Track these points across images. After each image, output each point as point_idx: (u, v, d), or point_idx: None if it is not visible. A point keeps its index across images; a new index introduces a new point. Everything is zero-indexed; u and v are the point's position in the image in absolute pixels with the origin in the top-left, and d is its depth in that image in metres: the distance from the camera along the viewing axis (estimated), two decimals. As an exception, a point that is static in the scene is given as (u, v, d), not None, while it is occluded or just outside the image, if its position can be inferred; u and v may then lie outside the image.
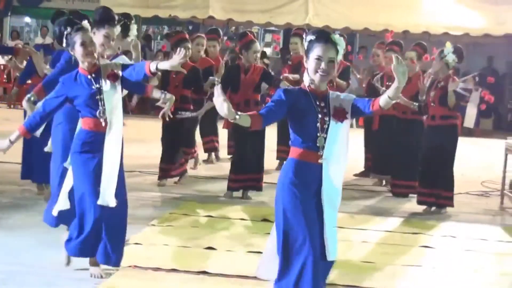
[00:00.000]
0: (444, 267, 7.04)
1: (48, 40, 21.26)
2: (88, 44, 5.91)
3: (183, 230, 7.69)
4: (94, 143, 5.93)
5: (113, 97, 5.93)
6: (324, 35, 4.91)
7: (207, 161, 12.32)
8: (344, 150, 4.94)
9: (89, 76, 5.92)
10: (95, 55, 5.98)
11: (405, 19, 18.10)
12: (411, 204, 9.77)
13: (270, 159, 10.93)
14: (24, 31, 27.76)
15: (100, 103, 5.88)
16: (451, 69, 9.19)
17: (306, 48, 4.95)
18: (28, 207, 8.43)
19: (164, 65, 5.74)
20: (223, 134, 12.25)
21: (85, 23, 6.08)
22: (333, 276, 6.45)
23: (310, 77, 4.93)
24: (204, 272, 6.37)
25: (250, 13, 18.96)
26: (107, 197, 5.88)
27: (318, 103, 4.90)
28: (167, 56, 17.44)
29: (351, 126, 10.02)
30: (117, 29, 6.87)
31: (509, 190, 10.29)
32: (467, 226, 8.74)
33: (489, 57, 21.40)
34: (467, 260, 7.37)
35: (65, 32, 5.97)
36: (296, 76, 10.99)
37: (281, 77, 10.45)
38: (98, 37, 6.53)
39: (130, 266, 6.39)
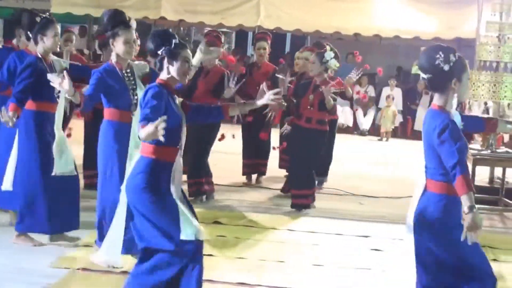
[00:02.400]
0: (393, 270, 7.07)
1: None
2: (190, 63, 5.21)
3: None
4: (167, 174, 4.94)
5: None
6: None
7: None
8: None
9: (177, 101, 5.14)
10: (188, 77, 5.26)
11: (356, 22, 18.17)
12: (361, 207, 9.87)
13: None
14: (-27, 29, 27.40)
15: (181, 133, 5.05)
16: (327, 74, 9.24)
17: (451, 68, 4.72)
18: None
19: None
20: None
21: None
22: (281, 279, 6.49)
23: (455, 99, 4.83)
24: (154, 275, 6.33)
25: (202, 14, 18.90)
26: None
27: None
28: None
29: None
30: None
31: (456, 193, 10.38)
32: (416, 229, 8.79)
33: (439, 61, 21.60)
34: (416, 263, 7.42)
35: (174, 41, 5.17)
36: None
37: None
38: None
39: (79, 269, 6.35)
